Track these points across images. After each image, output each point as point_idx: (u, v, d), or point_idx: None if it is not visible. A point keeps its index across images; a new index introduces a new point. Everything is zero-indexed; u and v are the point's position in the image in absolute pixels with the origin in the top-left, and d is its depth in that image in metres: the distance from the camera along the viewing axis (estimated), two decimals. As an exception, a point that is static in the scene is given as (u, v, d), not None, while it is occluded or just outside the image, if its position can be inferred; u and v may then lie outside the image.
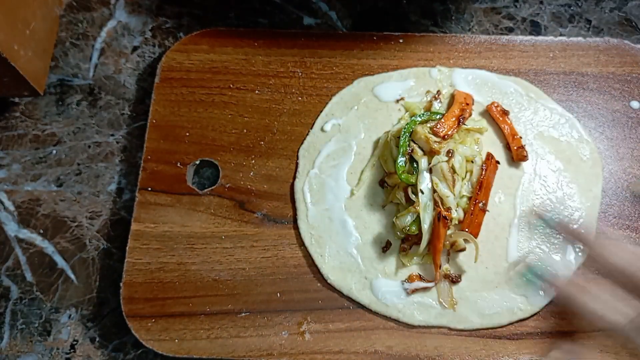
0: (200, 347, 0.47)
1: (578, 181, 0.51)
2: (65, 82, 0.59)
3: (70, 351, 0.50)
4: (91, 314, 0.51)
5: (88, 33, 0.61)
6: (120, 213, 0.54)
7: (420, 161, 0.49)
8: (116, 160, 0.56)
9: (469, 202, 0.49)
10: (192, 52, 0.57)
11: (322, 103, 0.55)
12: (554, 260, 0.49)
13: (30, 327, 0.51)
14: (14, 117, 0.58)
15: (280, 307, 0.49)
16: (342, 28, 0.61)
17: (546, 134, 0.53)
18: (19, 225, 0.54)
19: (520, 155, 0.52)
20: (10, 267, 0.53)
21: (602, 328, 0.38)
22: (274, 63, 0.56)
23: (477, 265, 0.48)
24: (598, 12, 0.61)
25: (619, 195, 0.51)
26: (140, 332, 0.48)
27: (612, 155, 0.53)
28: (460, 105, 0.51)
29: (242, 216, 0.51)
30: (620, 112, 0.54)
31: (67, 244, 0.53)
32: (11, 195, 0.55)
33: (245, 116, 0.55)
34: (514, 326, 0.47)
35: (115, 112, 0.58)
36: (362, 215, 0.51)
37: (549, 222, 0.43)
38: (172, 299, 0.49)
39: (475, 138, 0.52)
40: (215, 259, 0.50)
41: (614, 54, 0.56)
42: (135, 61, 0.60)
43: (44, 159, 0.56)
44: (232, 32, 0.58)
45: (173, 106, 0.55)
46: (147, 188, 0.52)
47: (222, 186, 0.53)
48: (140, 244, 0.50)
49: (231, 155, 0.53)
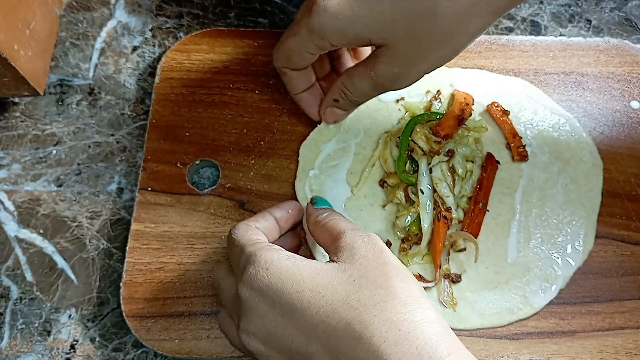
0: (201, 347, 0.47)
1: (578, 181, 0.51)
2: (65, 82, 0.59)
3: (70, 351, 0.50)
4: (91, 314, 0.51)
5: (88, 33, 0.61)
6: (120, 213, 0.54)
7: (421, 161, 0.49)
8: (116, 160, 0.56)
9: (469, 202, 0.49)
10: (192, 52, 0.57)
11: (322, 103, 0.55)
12: (554, 260, 0.49)
13: (30, 327, 0.51)
14: (14, 117, 0.58)
15: (280, 307, 0.49)
16: (342, 28, 0.61)
17: (546, 134, 0.53)
18: (19, 225, 0.54)
19: (520, 155, 0.52)
20: (10, 267, 0.53)
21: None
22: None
23: (477, 265, 0.48)
24: (598, 12, 0.61)
25: (619, 195, 0.51)
26: (140, 332, 0.48)
27: (612, 155, 0.52)
28: (460, 105, 0.51)
29: (242, 216, 0.51)
30: (620, 112, 0.54)
31: (67, 244, 0.53)
32: (11, 195, 0.55)
33: (245, 116, 0.55)
34: (514, 326, 0.47)
35: (115, 112, 0.58)
36: (362, 215, 0.51)
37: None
38: (172, 299, 0.49)
39: (475, 138, 0.52)
40: (215, 259, 0.50)
41: (614, 54, 0.56)
42: (135, 61, 0.60)
43: (44, 159, 0.56)
44: (232, 32, 0.58)
45: (173, 106, 0.55)
46: (147, 188, 0.52)
47: (222, 186, 0.53)
48: (140, 244, 0.50)
49: (231, 155, 0.53)
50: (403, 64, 0.43)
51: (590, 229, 0.50)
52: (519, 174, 0.52)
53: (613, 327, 0.47)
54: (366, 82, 0.45)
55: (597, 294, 0.48)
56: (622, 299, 0.48)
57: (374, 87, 0.46)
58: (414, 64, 0.43)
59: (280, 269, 0.37)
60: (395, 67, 0.43)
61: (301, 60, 0.46)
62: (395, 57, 0.43)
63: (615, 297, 0.48)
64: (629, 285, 0.48)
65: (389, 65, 0.43)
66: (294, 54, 0.46)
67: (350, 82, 0.47)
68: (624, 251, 0.50)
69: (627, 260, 0.49)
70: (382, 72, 0.44)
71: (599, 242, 0.50)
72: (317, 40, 0.43)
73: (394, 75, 0.44)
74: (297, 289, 0.35)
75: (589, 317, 0.47)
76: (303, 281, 0.36)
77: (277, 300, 0.36)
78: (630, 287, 0.48)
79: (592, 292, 0.48)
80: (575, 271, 0.49)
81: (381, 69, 0.44)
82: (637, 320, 0.47)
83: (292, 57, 0.46)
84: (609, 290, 0.48)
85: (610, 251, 0.50)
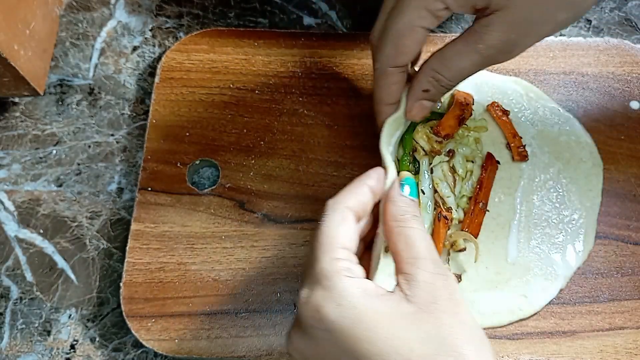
0: (200, 347, 0.47)
1: (578, 181, 0.51)
2: (65, 82, 0.59)
3: (70, 351, 0.50)
4: (91, 314, 0.51)
5: (88, 33, 0.61)
6: (120, 213, 0.54)
7: (422, 161, 0.49)
8: (116, 160, 0.56)
9: (469, 202, 0.49)
10: (192, 52, 0.57)
11: (322, 103, 0.55)
12: (553, 260, 0.49)
13: (30, 327, 0.51)
14: (14, 117, 0.58)
15: (280, 307, 0.49)
16: (342, 28, 0.61)
17: (546, 134, 0.53)
18: (19, 225, 0.54)
19: (520, 155, 0.52)
20: (10, 267, 0.53)
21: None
22: (274, 63, 0.56)
23: (477, 265, 0.48)
24: (598, 12, 0.61)
25: (619, 195, 0.51)
26: (140, 332, 0.48)
27: (612, 155, 0.53)
28: (460, 105, 0.51)
29: (242, 216, 0.51)
30: (620, 112, 0.54)
31: (67, 244, 0.53)
32: (11, 195, 0.55)
33: (245, 116, 0.55)
34: (514, 326, 0.47)
35: (115, 112, 0.58)
36: (362, 215, 0.51)
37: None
38: (172, 299, 0.49)
39: (476, 138, 0.52)
40: (215, 259, 0.50)
41: (614, 54, 0.56)
42: (135, 61, 0.60)
43: (44, 159, 0.56)
44: (232, 32, 0.58)
45: (173, 106, 0.55)
46: (147, 188, 0.52)
47: (222, 186, 0.53)
48: (140, 244, 0.50)
49: (231, 155, 0.53)
50: (522, 29, 0.39)
51: (590, 229, 0.50)
52: (519, 174, 0.52)
53: (613, 327, 0.47)
54: (469, 57, 0.41)
55: (597, 294, 0.48)
56: (622, 299, 0.48)
57: (480, 62, 0.41)
58: (535, 28, 0.39)
59: (355, 309, 0.33)
60: (513, 33, 0.39)
61: (414, 43, 0.41)
62: (514, 21, 0.38)
63: (615, 297, 0.48)
64: (629, 285, 0.48)
65: (504, 32, 0.38)
66: (405, 33, 0.41)
67: (445, 63, 0.42)
68: (624, 251, 0.50)
69: (627, 260, 0.49)
70: (494, 41, 0.39)
71: (599, 242, 0.50)
72: (432, 2, 0.38)
73: (509, 43, 0.39)
74: (369, 337, 0.32)
75: (589, 317, 0.47)
76: (378, 329, 0.32)
77: (342, 341, 0.32)
78: (630, 287, 0.48)
79: (592, 292, 0.48)
80: (575, 271, 0.49)
81: (494, 38, 0.39)
82: (637, 320, 0.47)
83: (404, 39, 0.41)
84: (608, 290, 0.48)
85: (610, 251, 0.50)
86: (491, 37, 0.39)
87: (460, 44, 0.41)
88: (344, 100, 0.55)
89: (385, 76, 0.43)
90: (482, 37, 0.39)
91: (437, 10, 0.39)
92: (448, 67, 0.42)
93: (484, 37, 0.39)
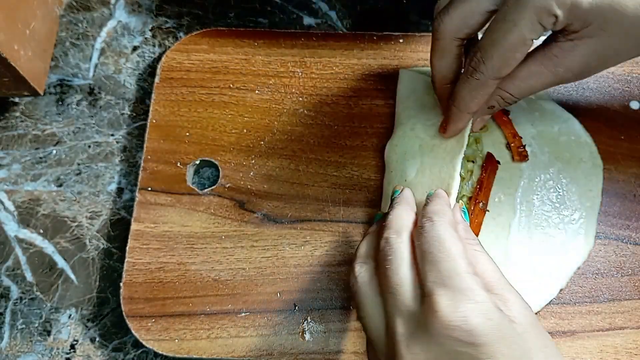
0: (200, 347, 0.47)
1: (578, 181, 0.51)
2: (65, 82, 0.59)
3: (70, 351, 0.50)
4: (91, 314, 0.51)
5: (88, 33, 0.61)
6: (120, 213, 0.54)
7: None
8: (116, 160, 0.56)
9: (469, 202, 0.49)
10: (192, 52, 0.57)
11: (322, 103, 0.55)
12: (554, 259, 0.49)
13: (30, 327, 0.51)
14: (14, 117, 0.58)
15: (280, 307, 0.49)
16: (342, 28, 0.61)
17: (546, 134, 0.53)
18: (19, 225, 0.54)
19: (520, 155, 0.52)
20: (10, 267, 0.53)
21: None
22: (274, 63, 0.56)
23: (477, 265, 0.48)
24: (598, 12, 0.61)
25: (619, 195, 0.51)
26: (140, 332, 0.48)
27: (612, 155, 0.52)
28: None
29: (242, 216, 0.51)
30: (620, 112, 0.54)
31: (67, 244, 0.53)
32: (11, 195, 0.55)
33: (245, 116, 0.55)
34: (514, 326, 0.47)
35: (115, 112, 0.58)
36: (362, 215, 0.51)
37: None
38: (172, 299, 0.49)
39: (476, 138, 0.52)
40: (215, 259, 0.50)
41: (614, 54, 0.56)
42: (135, 61, 0.60)
43: (44, 159, 0.56)
44: (232, 32, 0.58)
45: (173, 106, 0.55)
46: (147, 188, 0.52)
47: (222, 186, 0.53)
48: (140, 244, 0.50)
49: (231, 155, 0.53)
50: (606, 58, 0.37)
51: (591, 229, 0.50)
52: (519, 174, 0.52)
53: (613, 327, 0.47)
54: (545, 79, 0.39)
55: (597, 294, 0.48)
56: (622, 299, 0.48)
57: (552, 83, 0.39)
58: (620, 57, 0.37)
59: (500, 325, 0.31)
60: (596, 61, 0.37)
61: (523, 55, 0.38)
62: (602, 50, 0.36)
63: (615, 297, 0.48)
64: (629, 285, 0.48)
65: (588, 57, 0.36)
66: (518, 48, 0.37)
67: (517, 84, 0.40)
68: (624, 251, 0.50)
69: (627, 260, 0.49)
70: (575, 65, 0.37)
71: (599, 242, 0.50)
72: (546, 17, 0.35)
73: (588, 67, 0.38)
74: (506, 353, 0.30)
75: (588, 317, 0.47)
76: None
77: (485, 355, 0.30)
78: (630, 287, 0.48)
79: (592, 292, 0.48)
80: (575, 271, 0.49)
81: (575, 62, 0.37)
82: (637, 320, 0.47)
83: (515, 54, 0.38)
84: (608, 290, 0.48)
85: (610, 251, 0.50)
86: (573, 61, 0.37)
87: (534, 65, 0.39)
88: (344, 100, 0.55)
89: (485, 87, 0.40)
90: (562, 61, 0.38)
91: (548, 24, 0.37)
92: (520, 88, 0.41)
93: (564, 61, 0.38)
